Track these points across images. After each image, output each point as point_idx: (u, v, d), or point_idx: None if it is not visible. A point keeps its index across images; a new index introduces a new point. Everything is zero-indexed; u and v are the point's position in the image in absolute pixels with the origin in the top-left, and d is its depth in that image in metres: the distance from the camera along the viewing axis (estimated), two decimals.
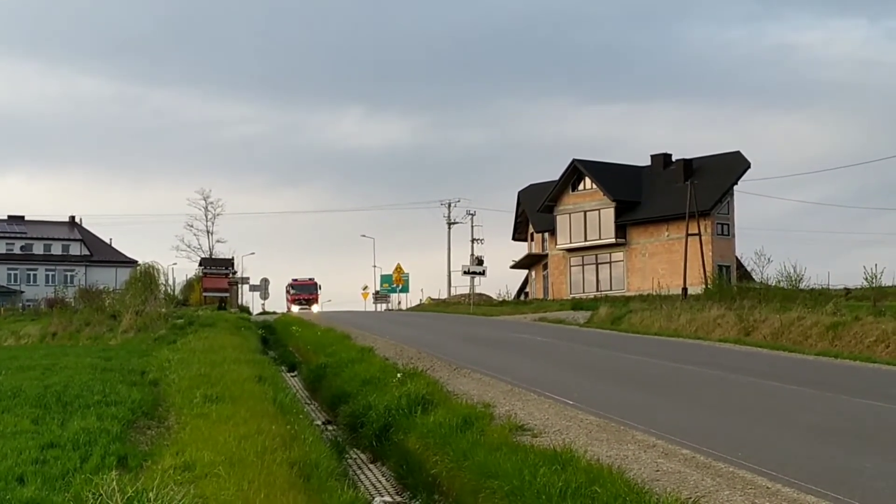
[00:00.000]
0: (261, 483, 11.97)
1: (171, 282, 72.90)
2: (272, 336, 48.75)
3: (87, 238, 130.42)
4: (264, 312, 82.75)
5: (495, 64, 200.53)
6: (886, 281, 52.52)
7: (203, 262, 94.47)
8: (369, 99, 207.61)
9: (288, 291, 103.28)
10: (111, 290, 65.60)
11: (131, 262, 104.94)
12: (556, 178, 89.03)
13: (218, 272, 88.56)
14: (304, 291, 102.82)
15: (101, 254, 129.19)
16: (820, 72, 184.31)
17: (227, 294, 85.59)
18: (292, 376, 32.46)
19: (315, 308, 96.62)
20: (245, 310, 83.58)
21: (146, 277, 59.89)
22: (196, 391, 20.61)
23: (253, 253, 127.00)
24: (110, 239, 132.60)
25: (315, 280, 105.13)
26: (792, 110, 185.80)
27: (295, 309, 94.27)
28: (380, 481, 17.19)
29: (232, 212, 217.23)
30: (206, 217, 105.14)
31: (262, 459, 13.40)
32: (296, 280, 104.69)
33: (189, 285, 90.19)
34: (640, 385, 23.69)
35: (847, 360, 30.13)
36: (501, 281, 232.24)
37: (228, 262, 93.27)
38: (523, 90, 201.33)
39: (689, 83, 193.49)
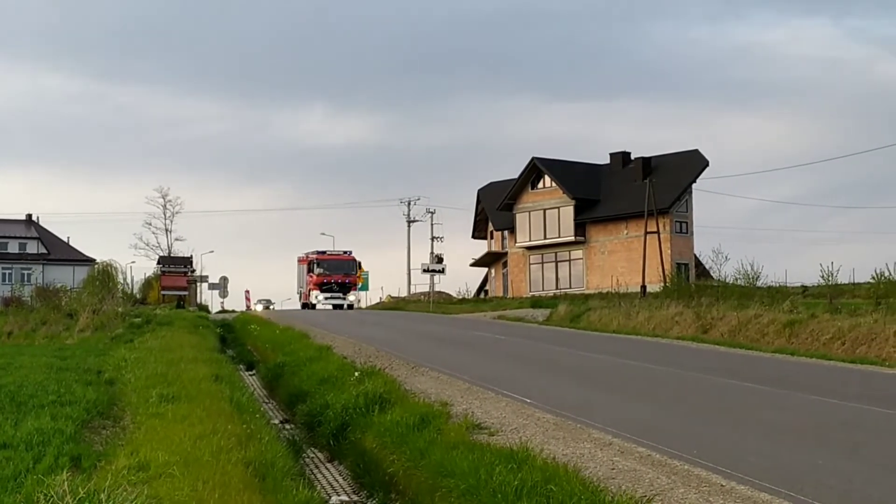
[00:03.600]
0: (215, 483, 11.89)
1: (129, 280, 72.67)
2: (230, 335, 48.51)
3: (45, 236, 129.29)
4: (223, 311, 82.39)
5: (459, 62, 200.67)
6: (843, 279, 52.93)
7: (161, 261, 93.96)
8: (333, 97, 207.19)
9: (311, 270, 78.65)
10: (68, 288, 65.20)
11: (89, 261, 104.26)
12: (516, 176, 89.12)
13: (176, 270, 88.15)
14: (337, 271, 78.13)
15: (58, 252, 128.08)
16: (782, 71, 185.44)
17: (185, 292, 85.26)
18: (250, 375, 32.33)
19: (351, 298, 78.20)
20: (204, 308, 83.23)
21: (104, 276, 59.62)
22: (152, 390, 20.47)
23: (212, 251, 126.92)
24: (68, 237, 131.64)
25: (353, 254, 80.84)
26: (754, 109, 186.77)
27: (320, 298, 76.05)
28: (336, 480, 17.14)
29: (194, 210, 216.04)
30: (165, 215, 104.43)
31: (217, 459, 13.31)
32: (321, 253, 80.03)
33: (147, 284, 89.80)
34: (597, 383, 23.74)
35: (803, 357, 30.33)
36: (461, 279, 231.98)
37: (187, 261, 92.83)
38: (487, 88, 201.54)
39: (653, 82, 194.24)
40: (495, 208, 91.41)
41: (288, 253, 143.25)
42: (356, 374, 22.29)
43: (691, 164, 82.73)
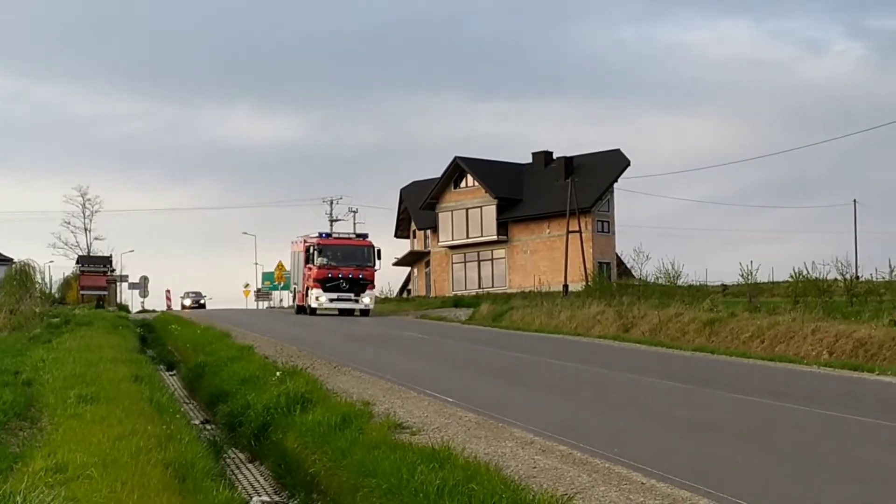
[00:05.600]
0: (134, 484, 11.76)
1: (47, 280, 71.53)
2: (151, 335, 48.05)
3: None
4: (143, 311, 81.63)
5: (385, 60, 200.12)
6: (762, 278, 53.50)
7: (80, 260, 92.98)
8: (258, 96, 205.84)
9: (310, 260, 58.10)
10: None
11: (6, 261, 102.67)
12: (439, 175, 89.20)
13: (96, 270, 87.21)
14: (346, 261, 57.76)
15: None
16: (706, 71, 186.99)
17: (105, 292, 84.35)
18: (171, 375, 32.05)
19: (367, 301, 58.18)
20: (124, 308, 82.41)
21: (21, 276, 58.74)
22: (70, 391, 20.21)
23: (132, 251, 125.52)
24: None
25: (370, 239, 61.29)
26: (677, 109, 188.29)
27: (322, 300, 56.70)
28: (258, 481, 17.03)
29: (115, 209, 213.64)
30: (84, 214, 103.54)
31: (136, 460, 13.17)
32: (324, 237, 60.81)
33: (66, 283, 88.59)
34: (519, 382, 23.83)
35: (723, 355, 30.65)
36: (384, 278, 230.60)
37: (107, 260, 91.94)
38: (412, 87, 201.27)
39: (577, 82, 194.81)
40: (418, 207, 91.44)
41: (214, 253, 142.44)
42: (278, 373, 22.16)
43: (613, 163, 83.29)
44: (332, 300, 57.27)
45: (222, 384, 24.03)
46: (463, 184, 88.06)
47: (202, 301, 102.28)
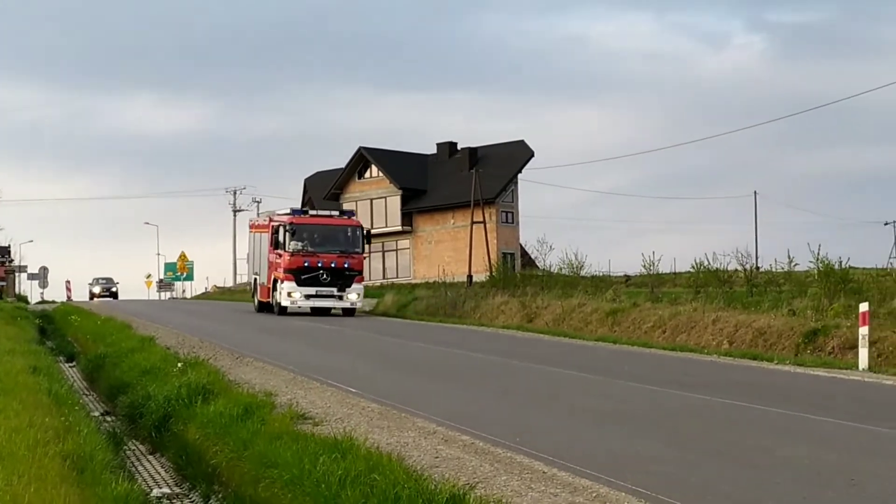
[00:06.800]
0: (31, 477, 11.58)
1: None
2: (51, 326, 47.35)
3: None
4: (43, 302, 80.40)
5: (290, 51, 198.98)
6: (664, 268, 54.16)
7: None
8: (162, 84, 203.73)
9: (279, 244, 45.73)
10: None
11: None
12: (344, 165, 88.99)
13: None
14: (328, 245, 46.04)
15: None
16: (610, 64, 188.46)
17: (2, 283, 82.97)
18: (70, 367, 31.63)
19: (353, 297, 46.12)
20: (23, 299, 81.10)
21: None
22: None
23: (31, 241, 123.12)
24: None
25: (356, 218, 51.80)
26: (581, 101, 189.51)
27: (296, 296, 44.78)
28: (158, 473, 16.86)
29: (14, 199, 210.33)
30: None
31: (33, 453, 12.96)
32: (298, 213, 48.44)
33: None
34: (422, 372, 23.85)
35: (625, 345, 30.95)
36: None
37: (4, 251, 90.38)
38: (317, 78, 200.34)
39: (484, 73, 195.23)
40: (322, 198, 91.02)
41: (117, 244, 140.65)
42: (179, 364, 21.96)
43: (517, 154, 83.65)
44: (308, 296, 45.24)
45: (123, 375, 23.75)
46: (367, 174, 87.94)
47: (114, 289, 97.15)
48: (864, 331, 24.35)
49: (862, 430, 15.24)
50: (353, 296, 46.09)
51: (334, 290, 45.52)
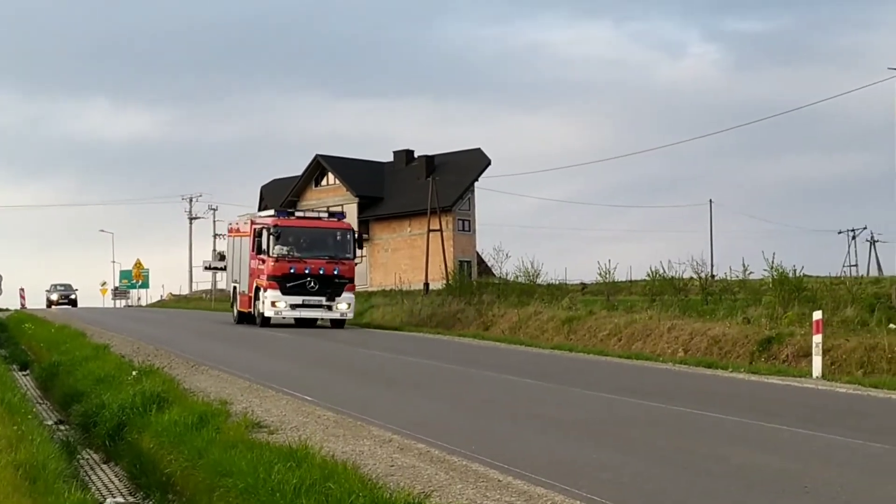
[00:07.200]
0: None
1: None
2: (3, 334, 46.95)
3: None
4: None
5: (247, 57, 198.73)
6: (620, 276, 54.30)
7: None
8: (117, 91, 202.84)
9: (262, 249, 42.78)
10: None
11: None
12: (300, 173, 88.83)
13: None
14: (316, 250, 42.95)
15: None
16: (568, 72, 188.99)
17: None
18: (24, 375, 31.37)
19: (343, 307, 43.08)
20: None
21: None
22: None
23: None
24: None
25: (347, 220, 47.67)
26: (539, 109, 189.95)
27: (281, 305, 41.84)
28: (112, 482, 16.75)
29: None
30: None
31: None
32: (283, 215, 45.44)
33: None
34: (378, 380, 23.82)
35: (581, 353, 31.03)
36: None
37: None
38: (273, 85, 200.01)
39: (441, 80, 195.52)
40: (279, 205, 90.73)
41: (73, 251, 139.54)
42: (134, 372, 21.86)
43: (474, 162, 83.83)
44: (294, 306, 42.30)
45: (77, 384, 23.60)
46: (324, 182, 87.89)
47: (73, 296, 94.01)
48: (817, 339, 24.51)
49: (815, 438, 15.33)
50: (343, 305, 43.14)
51: (323, 300, 42.57)
